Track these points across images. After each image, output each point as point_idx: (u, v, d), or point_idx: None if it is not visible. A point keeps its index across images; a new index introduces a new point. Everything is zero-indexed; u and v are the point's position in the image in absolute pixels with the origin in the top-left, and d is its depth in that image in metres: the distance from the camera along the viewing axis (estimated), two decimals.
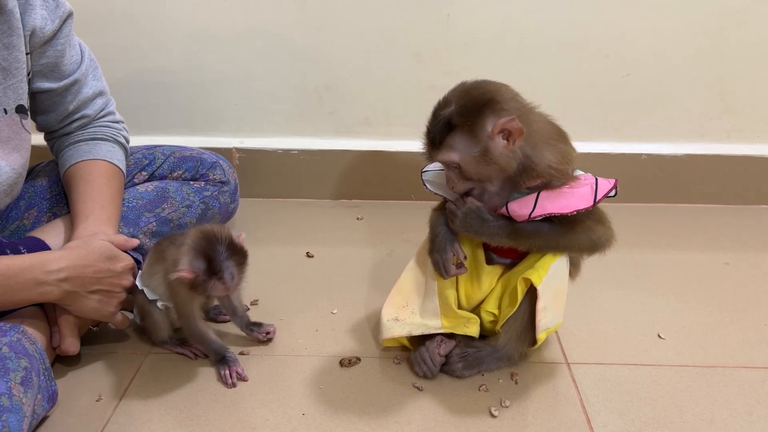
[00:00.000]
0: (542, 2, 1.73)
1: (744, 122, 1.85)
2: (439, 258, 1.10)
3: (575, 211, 1.02)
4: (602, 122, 1.86)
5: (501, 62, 1.79)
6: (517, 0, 1.73)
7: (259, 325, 1.25)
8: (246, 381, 1.14)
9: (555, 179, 1.03)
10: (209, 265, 1.05)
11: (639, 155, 1.86)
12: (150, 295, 1.15)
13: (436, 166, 1.17)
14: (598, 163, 1.76)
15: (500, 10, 1.74)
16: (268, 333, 1.24)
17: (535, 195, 1.04)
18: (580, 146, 1.79)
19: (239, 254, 1.08)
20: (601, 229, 1.07)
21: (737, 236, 1.70)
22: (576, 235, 1.06)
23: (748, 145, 1.86)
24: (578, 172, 1.08)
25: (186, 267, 1.05)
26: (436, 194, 1.15)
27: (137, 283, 1.15)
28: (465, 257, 1.11)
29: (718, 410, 1.06)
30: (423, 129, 1.05)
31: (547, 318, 1.09)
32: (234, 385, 1.12)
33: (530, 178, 1.03)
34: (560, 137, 1.07)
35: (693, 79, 1.80)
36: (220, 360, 1.15)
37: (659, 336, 1.26)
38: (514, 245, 1.08)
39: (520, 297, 1.08)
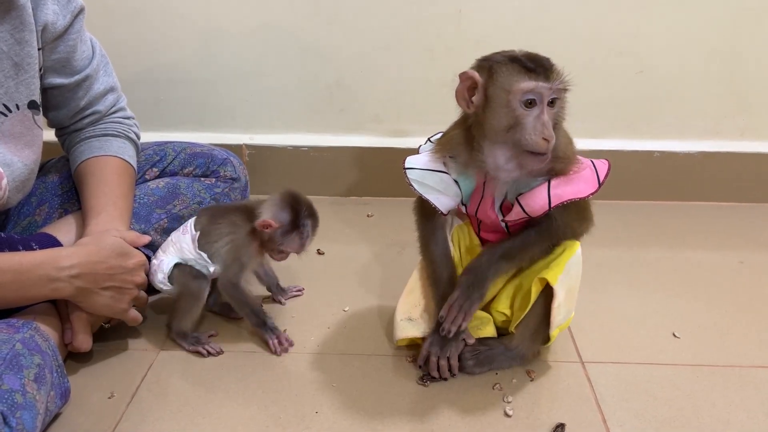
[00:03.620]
0: None
1: (758, 120, 1.83)
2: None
3: (589, 195, 1.01)
4: (615, 119, 1.84)
5: None
6: None
7: (284, 290, 1.37)
8: (293, 346, 1.20)
9: (560, 163, 1.01)
10: (294, 218, 1.13)
11: (652, 153, 1.84)
12: (207, 262, 1.19)
13: (421, 163, 1.08)
14: (611, 161, 1.74)
15: (512, 6, 1.73)
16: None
17: (545, 185, 1.01)
18: (593, 143, 1.83)
19: (315, 218, 1.17)
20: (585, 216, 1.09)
21: (751, 235, 1.69)
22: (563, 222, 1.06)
23: (763, 143, 1.84)
24: None
25: (271, 216, 1.13)
26: (423, 197, 1.07)
27: (171, 262, 1.19)
28: None
29: (734, 411, 1.05)
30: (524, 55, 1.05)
31: (561, 315, 1.08)
32: (286, 351, 1.19)
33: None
34: None
35: (707, 77, 1.79)
36: (262, 325, 1.19)
37: (674, 335, 1.25)
38: (514, 265, 1.10)
39: (533, 297, 1.07)
